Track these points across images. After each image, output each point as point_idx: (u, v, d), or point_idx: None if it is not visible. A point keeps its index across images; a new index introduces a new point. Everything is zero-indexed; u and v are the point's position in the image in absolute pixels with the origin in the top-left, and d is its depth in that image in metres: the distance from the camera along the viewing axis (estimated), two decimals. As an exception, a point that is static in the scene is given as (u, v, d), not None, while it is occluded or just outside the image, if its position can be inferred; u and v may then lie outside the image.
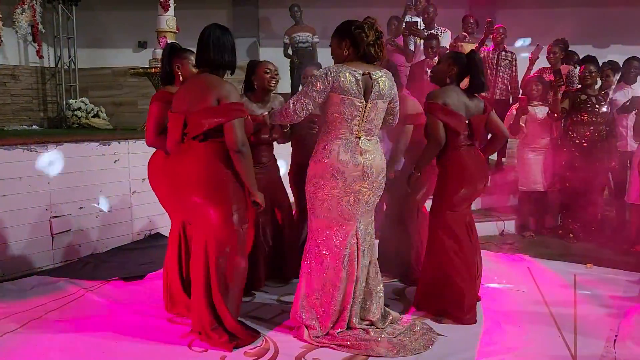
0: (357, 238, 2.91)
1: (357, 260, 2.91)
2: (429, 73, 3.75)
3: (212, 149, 2.72)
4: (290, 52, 7.58)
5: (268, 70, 3.45)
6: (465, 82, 3.27)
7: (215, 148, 2.72)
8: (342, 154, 2.80)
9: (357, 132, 2.83)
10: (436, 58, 5.69)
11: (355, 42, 2.78)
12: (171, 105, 2.86)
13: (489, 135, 3.56)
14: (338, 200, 2.85)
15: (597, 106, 4.95)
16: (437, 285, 3.21)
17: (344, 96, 2.75)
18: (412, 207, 3.78)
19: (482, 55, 5.64)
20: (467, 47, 6.14)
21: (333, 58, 2.92)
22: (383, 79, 2.84)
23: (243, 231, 2.82)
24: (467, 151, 3.20)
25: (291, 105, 2.82)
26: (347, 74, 2.75)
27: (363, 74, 2.78)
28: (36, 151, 4.16)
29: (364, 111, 2.81)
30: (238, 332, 2.82)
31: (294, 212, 3.93)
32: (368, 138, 2.87)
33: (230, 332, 2.80)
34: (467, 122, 3.17)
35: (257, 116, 3.15)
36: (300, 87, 3.27)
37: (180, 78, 3.20)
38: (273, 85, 3.50)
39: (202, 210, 2.77)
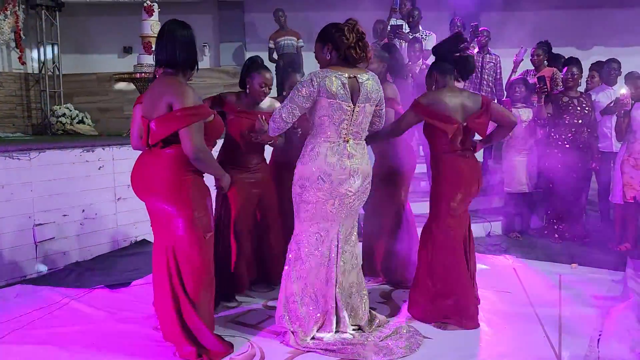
0: (337, 241, 2.91)
1: (337, 263, 2.91)
2: (410, 78, 3.74)
3: (172, 155, 2.64)
4: (275, 56, 7.58)
5: (263, 85, 3.44)
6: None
7: (175, 154, 2.63)
8: (330, 157, 2.80)
9: (345, 136, 2.83)
10: (420, 61, 5.74)
11: (337, 46, 2.78)
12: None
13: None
14: (323, 203, 2.84)
15: (579, 108, 5.00)
16: (438, 292, 3.16)
17: (331, 100, 2.75)
18: (397, 205, 3.77)
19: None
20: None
21: (318, 63, 2.92)
22: (370, 81, 2.84)
23: (207, 239, 2.72)
24: (462, 156, 3.17)
25: (277, 113, 2.81)
26: (333, 78, 2.74)
27: (349, 77, 2.78)
28: (18, 158, 4.12)
29: (352, 115, 2.80)
30: (212, 345, 2.70)
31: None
32: (356, 142, 2.87)
33: (200, 344, 2.68)
34: (464, 125, 3.09)
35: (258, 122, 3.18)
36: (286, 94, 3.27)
37: None
38: (262, 99, 3.51)
39: (164, 217, 2.69)
